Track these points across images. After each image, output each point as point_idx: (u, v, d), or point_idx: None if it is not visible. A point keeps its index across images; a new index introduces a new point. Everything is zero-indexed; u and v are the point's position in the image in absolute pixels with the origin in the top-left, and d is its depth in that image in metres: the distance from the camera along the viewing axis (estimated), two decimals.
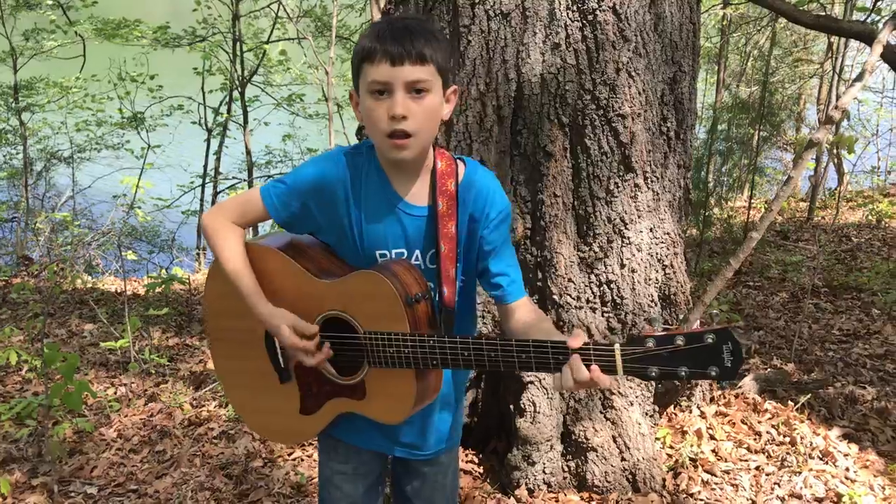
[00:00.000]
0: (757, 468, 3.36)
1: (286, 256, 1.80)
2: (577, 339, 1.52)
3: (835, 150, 10.01)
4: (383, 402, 1.77)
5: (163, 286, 5.81)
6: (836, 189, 11.36)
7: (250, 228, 2.02)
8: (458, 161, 1.81)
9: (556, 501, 3.16)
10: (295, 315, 1.76)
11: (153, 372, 4.79)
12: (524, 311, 1.82)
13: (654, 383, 3.39)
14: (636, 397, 3.29)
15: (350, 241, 1.79)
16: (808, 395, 3.91)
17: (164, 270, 9.34)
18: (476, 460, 3.44)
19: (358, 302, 1.73)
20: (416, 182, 1.77)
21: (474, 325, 2.02)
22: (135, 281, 8.13)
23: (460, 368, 1.70)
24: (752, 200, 8.79)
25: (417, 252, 1.79)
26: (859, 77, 3.32)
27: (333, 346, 1.77)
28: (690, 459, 3.40)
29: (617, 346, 1.49)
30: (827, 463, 3.38)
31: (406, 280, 1.70)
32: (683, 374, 1.47)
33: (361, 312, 1.73)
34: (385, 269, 1.71)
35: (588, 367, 1.50)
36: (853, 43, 10.17)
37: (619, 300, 3.22)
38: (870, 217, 9.24)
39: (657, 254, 3.30)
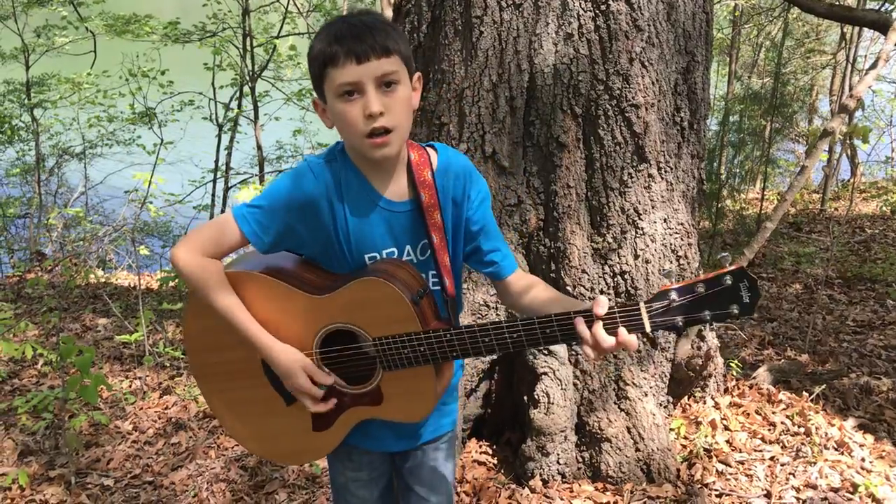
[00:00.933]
0: (772, 458, 3.35)
1: (271, 278, 1.73)
2: (602, 306, 1.53)
3: (847, 141, 9.95)
4: (404, 402, 1.74)
5: (176, 280, 5.82)
6: (849, 180, 11.28)
7: None
8: (428, 149, 1.78)
9: (571, 492, 3.16)
10: (308, 359, 1.73)
11: (167, 365, 4.81)
12: (531, 284, 1.81)
13: (668, 376, 3.38)
14: (650, 388, 3.29)
15: (337, 248, 1.75)
16: (823, 386, 3.89)
17: None
18: (490, 451, 3.45)
19: (362, 311, 1.68)
20: (393, 178, 1.74)
21: (462, 308, 1.99)
22: (148, 275, 8.17)
23: (482, 356, 1.69)
24: (765, 192, 8.75)
25: (408, 247, 1.77)
26: (874, 65, 3.30)
27: (340, 358, 1.74)
28: (705, 450, 3.39)
29: (642, 304, 1.52)
30: (842, 453, 3.37)
31: (405, 279, 1.67)
32: (708, 316, 1.51)
33: (368, 320, 1.68)
34: (382, 272, 1.68)
35: (615, 330, 1.52)
36: (866, 33, 10.10)
37: (632, 291, 3.22)
38: (884, 208, 9.17)
39: (671, 244, 3.29)
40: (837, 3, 7.59)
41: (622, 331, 1.52)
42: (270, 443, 1.90)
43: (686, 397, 3.74)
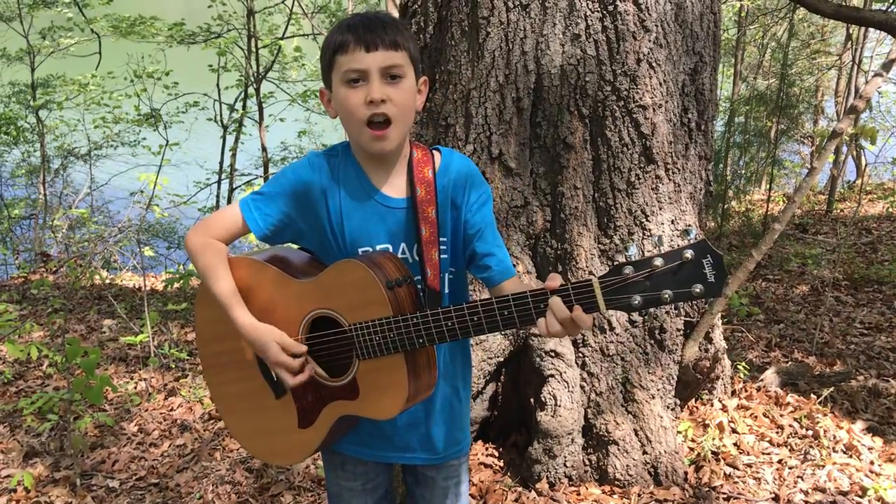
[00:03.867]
0: (780, 462, 3.33)
1: (265, 263, 1.78)
2: (555, 281, 1.50)
3: (854, 143, 9.91)
4: (377, 397, 1.71)
5: (181, 281, 5.83)
6: (855, 181, 11.23)
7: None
8: (433, 151, 1.79)
9: (578, 495, 3.15)
10: (281, 331, 1.73)
11: (173, 366, 4.81)
12: (514, 288, 1.75)
13: (675, 378, 3.37)
14: (657, 390, 3.27)
15: (331, 241, 1.76)
16: (831, 389, 3.87)
17: (181, 266, 9.38)
18: (496, 454, 3.43)
19: (339, 295, 1.68)
20: (393, 174, 1.75)
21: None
22: (153, 277, 8.17)
23: (446, 341, 1.63)
24: (771, 193, 8.72)
25: (403, 245, 1.76)
26: (885, 66, 3.28)
27: (323, 347, 1.73)
28: (712, 453, 3.37)
29: (594, 279, 1.46)
30: (851, 456, 3.35)
31: (385, 266, 1.66)
32: (668, 297, 1.40)
33: (344, 305, 1.68)
34: (361, 257, 1.69)
35: (570, 308, 1.48)
36: (872, 34, 10.06)
37: None
38: (890, 209, 9.13)
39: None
40: (844, 3, 7.57)
41: (577, 307, 1.47)
42: (263, 441, 1.91)
43: (693, 400, 3.72)
